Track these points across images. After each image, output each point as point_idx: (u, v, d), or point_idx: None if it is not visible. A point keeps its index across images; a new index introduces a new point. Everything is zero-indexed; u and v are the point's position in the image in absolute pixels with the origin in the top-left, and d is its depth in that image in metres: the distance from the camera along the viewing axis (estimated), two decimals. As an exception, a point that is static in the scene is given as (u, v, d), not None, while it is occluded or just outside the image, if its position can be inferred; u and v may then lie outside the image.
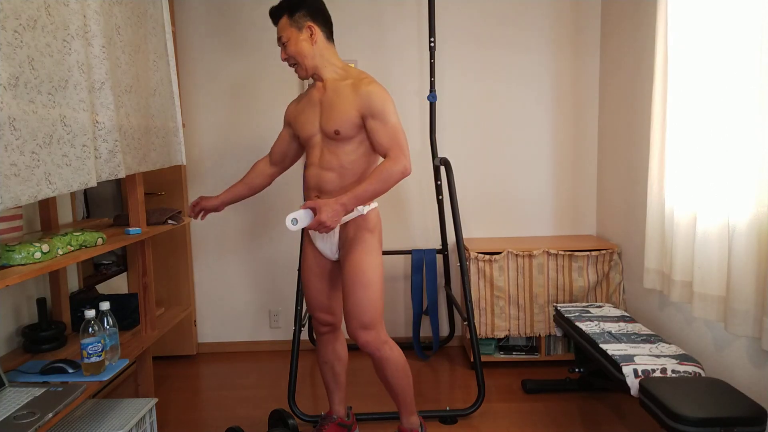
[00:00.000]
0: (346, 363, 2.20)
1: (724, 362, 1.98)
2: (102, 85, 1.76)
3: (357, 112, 1.85)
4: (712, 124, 1.92)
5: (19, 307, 2.16)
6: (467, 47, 3.11)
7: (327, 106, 1.91)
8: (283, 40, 1.91)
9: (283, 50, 1.93)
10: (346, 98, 1.87)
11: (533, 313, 2.85)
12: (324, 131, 1.91)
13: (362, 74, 1.94)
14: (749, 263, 1.71)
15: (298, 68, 1.95)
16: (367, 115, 1.85)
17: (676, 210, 2.10)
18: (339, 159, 1.90)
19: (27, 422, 1.44)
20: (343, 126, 1.86)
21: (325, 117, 1.90)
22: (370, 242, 1.94)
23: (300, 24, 1.90)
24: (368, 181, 1.81)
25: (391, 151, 1.84)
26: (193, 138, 3.15)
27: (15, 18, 1.37)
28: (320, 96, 1.95)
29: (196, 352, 3.26)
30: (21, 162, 1.37)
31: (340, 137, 1.88)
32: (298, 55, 1.91)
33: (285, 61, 1.96)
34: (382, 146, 1.86)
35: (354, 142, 1.89)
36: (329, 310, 2.10)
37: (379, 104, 1.84)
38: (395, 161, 1.82)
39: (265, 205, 3.22)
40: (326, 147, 1.92)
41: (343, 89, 1.90)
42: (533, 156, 3.18)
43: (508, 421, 2.37)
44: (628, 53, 2.75)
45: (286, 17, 1.90)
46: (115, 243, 1.95)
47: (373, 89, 1.85)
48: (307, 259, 2.09)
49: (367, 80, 1.89)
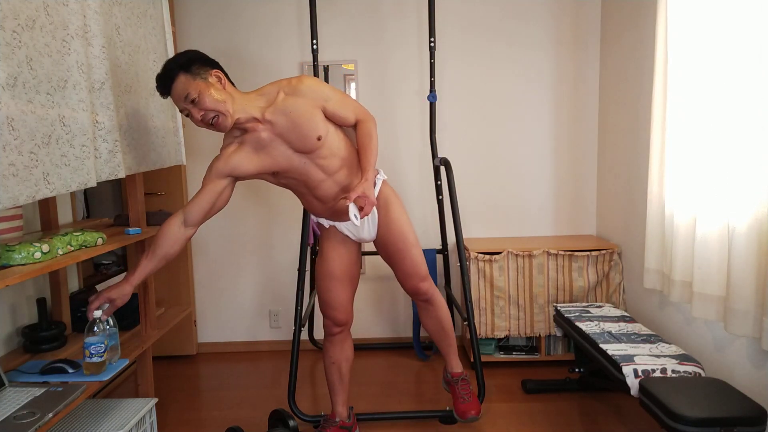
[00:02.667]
0: (352, 363, 2.22)
1: (724, 362, 1.98)
2: (102, 85, 1.76)
3: (316, 108, 1.85)
4: (712, 123, 1.91)
5: (19, 307, 2.16)
6: (468, 48, 3.11)
7: (288, 131, 1.83)
8: (192, 97, 1.71)
9: (195, 109, 1.72)
10: (296, 108, 1.82)
11: (533, 313, 2.85)
12: (304, 150, 1.86)
13: (279, 82, 1.88)
14: (749, 263, 1.71)
15: (220, 119, 1.75)
16: (322, 104, 1.87)
17: (676, 210, 2.10)
18: (337, 157, 1.91)
19: (27, 422, 1.44)
20: (318, 129, 1.85)
21: (297, 138, 1.83)
22: (399, 206, 2.07)
23: (203, 75, 1.75)
24: (367, 150, 1.90)
25: (356, 115, 1.94)
26: (193, 138, 3.15)
27: (14, 18, 1.37)
28: (270, 131, 1.83)
29: (196, 352, 3.26)
30: (19, 162, 1.37)
31: (322, 141, 1.87)
32: (218, 104, 1.73)
33: (201, 122, 1.75)
34: (348, 118, 1.94)
35: (333, 135, 1.91)
36: (345, 310, 2.11)
37: (320, 90, 1.88)
38: (365, 120, 1.94)
39: (265, 206, 3.22)
40: (316, 159, 1.89)
41: (284, 105, 1.82)
42: (533, 156, 3.18)
43: (508, 421, 2.36)
44: (628, 53, 2.75)
45: (183, 74, 1.72)
46: (115, 243, 1.95)
47: (306, 82, 1.87)
48: (330, 260, 2.08)
49: (294, 80, 1.87)
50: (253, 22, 3.09)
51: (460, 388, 2.18)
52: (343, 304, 2.09)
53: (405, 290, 2.14)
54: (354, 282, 2.12)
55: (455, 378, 2.22)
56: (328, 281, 2.08)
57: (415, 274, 2.07)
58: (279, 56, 3.11)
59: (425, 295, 2.11)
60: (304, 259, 2.48)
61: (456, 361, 2.26)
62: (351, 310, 2.14)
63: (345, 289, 2.09)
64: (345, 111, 1.91)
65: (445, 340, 2.23)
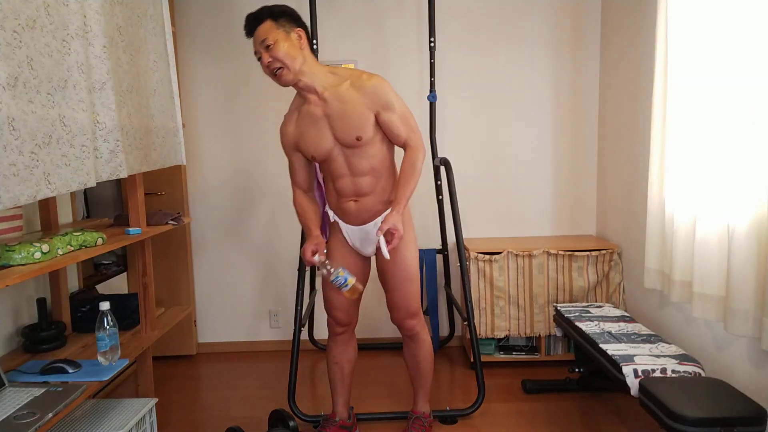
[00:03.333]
0: (355, 364, 2.22)
1: (724, 362, 1.98)
2: (103, 85, 1.76)
3: (370, 111, 1.86)
4: (712, 123, 1.91)
5: (19, 307, 2.16)
6: (467, 47, 3.11)
7: (337, 117, 1.87)
8: (268, 43, 1.80)
9: (266, 54, 1.82)
10: (354, 101, 1.86)
11: (533, 313, 2.85)
12: (343, 142, 1.89)
13: (354, 71, 1.92)
14: (749, 263, 1.71)
15: (284, 72, 1.83)
16: (378, 109, 1.87)
17: (676, 210, 2.10)
18: (369, 162, 1.91)
19: (27, 422, 1.44)
20: (363, 131, 1.87)
21: (340, 128, 1.87)
22: (409, 235, 2.03)
23: (287, 29, 1.84)
24: (406, 181, 1.91)
25: (408, 139, 1.93)
26: (193, 138, 3.15)
27: (14, 18, 1.36)
28: (322, 109, 1.89)
29: (196, 352, 3.26)
30: (20, 162, 1.37)
31: (363, 142, 1.88)
32: (287, 57, 1.81)
33: (267, 68, 1.84)
34: (400, 136, 1.92)
35: (376, 142, 1.92)
36: (349, 311, 2.11)
37: (385, 95, 1.87)
38: (415, 149, 1.93)
39: (265, 206, 3.22)
40: (350, 155, 1.91)
41: (345, 93, 1.86)
42: (533, 156, 3.18)
43: (508, 421, 2.36)
44: (628, 54, 2.75)
45: (270, 21, 1.82)
46: (115, 243, 1.95)
47: (376, 82, 1.87)
48: (335, 259, 2.07)
49: (366, 75, 1.89)
50: (253, 22, 3.09)
51: (412, 426, 2.17)
52: (345, 305, 2.09)
53: (391, 320, 2.12)
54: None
55: (414, 415, 2.20)
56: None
57: (405, 308, 2.05)
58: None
59: (410, 331, 2.10)
60: (304, 259, 2.48)
61: (422, 402, 2.22)
62: (355, 312, 2.14)
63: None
64: (398, 128, 1.90)
65: (418, 380, 2.19)
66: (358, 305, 2.14)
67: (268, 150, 3.17)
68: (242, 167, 3.19)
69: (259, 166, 3.18)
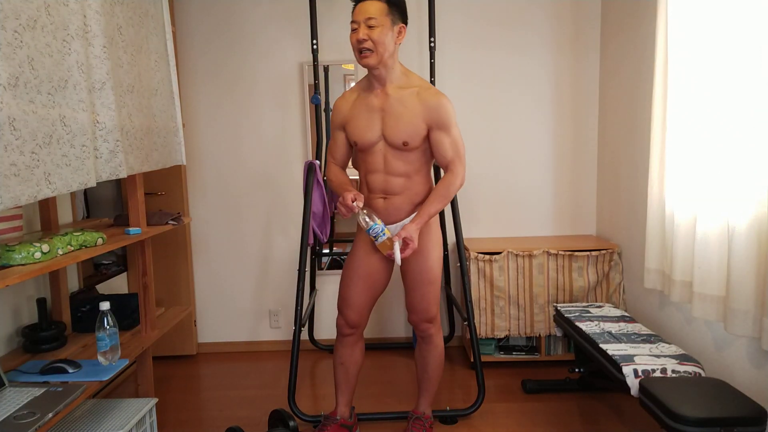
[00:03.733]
0: (361, 366, 2.22)
1: (724, 362, 1.98)
2: (103, 85, 1.76)
3: (424, 123, 1.90)
4: (712, 123, 1.91)
5: (19, 307, 2.16)
6: (467, 47, 3.11)
7: (392, 115, 1.90)
8: (373, 23, 1.83)
9: (364, 30, 1.85)
10: (413, 109, 1.89)
11: (533, 313, 2.85)
12: (389, 140, 1.92)
13: (425, 83, 1.96)
14: (749, 263, 1.71)
15: (369, 56, 1.86)
16: (433, 126, 1.90)
17: (676, 210, 2.10)
18: (406, 167, 1.93)
19: (27, 422, 1.44)
20: (411, 137, 1.90)
21: (391, 126, 1.90)
22: (434, 240, 2.04)
23: (394, 18, 1.88)
24: (435, 200, 1.93)
25: (452, 164, 1.94)
26: (193, 138, 3.15)
27: (15, 18, 1.36)
28: (381, 103, 1.93)
29: (196, 352, 3.26)
30: (21, 162, 1.37)
31: (407, 148, 1.91)
32: (381, 45, 1.85)
33: (357, 43, 1.87)
34: (445, 158, 1.94)
35: (419, 152, 1.95)
36: (361, 313, 2.11)
37: (445, 117, 1.90)
38: (455, 175, 1.94)
39: (265, 206, 3.22)
40: (390, 155, 1.93)
41: (408, 99, 1.90)
42: (533, 156, 3.18)
43: (508, 421, 2.37)
44: (628, 53, 2.75)
45: (385, 5, 1.85)
46: (115, 243, 1.95)
47: (442, 102, 1.90)
48: (358, 259, 2.09)
49: (434, 91, 1.92)
50: (253, 22, 3.09)
51: (412, 426, 2.17)
52: (358, 304, 2.08)
53: (408, 320, 2.13)
54: (375, 288, 2.11)
55: (415, 415, 2.21)
56: (350, 277, 2.09)
57: (422, 311, 2.07)
58: (279, 56, 3.11)
59: (424, 332, 2.11)
60: (304, 259, 2.48)
61: (425, 403, 2.22)
62: (366, 315, 2.13)
63: (364, 291, 2.08)
64: (446, 150, 1.93)
65: (424, 381, 2.20)
66: (371, 307, 2.13)
67: (268, 150, 3.17)
68: (242, 167, 3.19)
69: (260, 166, 3.18)
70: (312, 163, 2.52)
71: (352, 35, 1.89)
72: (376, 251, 2.04)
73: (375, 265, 2.07)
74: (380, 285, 2.11)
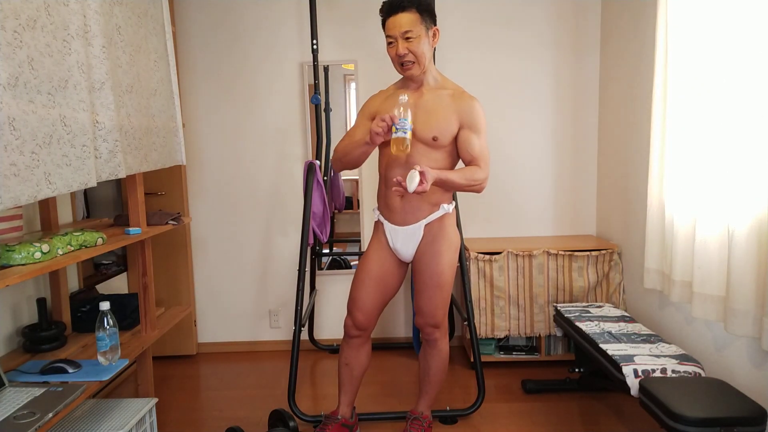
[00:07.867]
0: (366, 369, 2.21)
1: (724, 362, 1.98)
2: (102, 85, 1.76)
3: (457, 121, 1.91)
4: (712, 124, 1.91)
5: (19, 307, 2.16)
6: (467, 47, 3.10)
7: (425, 111, 1.91)
8: (411, 36, 1.84)
9: (403, 44, 1.85)
10: (447, 107, 1.91)
11: (533, 313, 2.85)
12: (418, 135, 1.91)
13: (459, 87, 1.99)
14: (749, 263, 1.71)
15: (413, 67, 1.89)
16: (465, 125, 1.92)
17: (676, 211, 2.10)
18: (428, 164, 1.90)
19: (27, 422, 1.44)
20: (442, 133, 1.90)
21: (423, 122, 1.91)
22: (450, 244, 2.04)
23: (428, 24, 1.88)
24: (459, 172, 1.90)
25: (477, 160, 1.94)
26: (193, 138, 3.15)
27: (15, 18, 1.36)
28: (415, 99, 1.94)
29: (196, 352, 3.26)
30: (21, 162, 1.37)
31: (435, 144, 1.91)
32: (422, 56, 1.87)
33: (397, 57, 1.88)
34: (472, 155, 1.94)
35: (444, 152, 1.95)
36: (370, 315, 2.10)
37: (477, 120, 1.93)
38: (483, 170, 1.93)
39: (265, 206, 3.22)
40: (416, 151, 1.92)
41: (442, 97, 1.93)
42: (533, 156, 3.18)
43: (508, 421, 2.37)
44: (628, 53, 2.75)
45: (417, 13, 1.85)
46: (115, 243, 1.95)
47: (476, 105, 1.93)
48: (371, 260, 2.09)
49: (468, 94, 1.96)
50: (252, 22, 3.09)
51: (411, 426, 2.17)
52: (367, 306, 2.08)
53: (414, 322, 2.12)
54: (387, 291, 2.10)
55: (413, 415, 2.21)
56: (362, 279, 2.08)
57: (429, 314, 2.06)
58: (279, 56, 3.11)
59: (429, 336, 2.11)
60: (304, 259, 2.48)
61: (424, 405, 2.22)
62: (374, 318, 2.12)
63: (375, 293, 2.07)
64: (472, 147, 1.93)
65: (425, 384, 2.20)
66: (380, 311, 2.12)
67: (268, 149, 3.17)
68: (242, 167, 3.19)
69: (259, 166, 3.18)
70: (312, 163, 2.52)
71: (389, 49, 1.91)
72: (386, 252, 2.05)
73: (388, 268, 2.07)
74: (392, 288, 2.11)
